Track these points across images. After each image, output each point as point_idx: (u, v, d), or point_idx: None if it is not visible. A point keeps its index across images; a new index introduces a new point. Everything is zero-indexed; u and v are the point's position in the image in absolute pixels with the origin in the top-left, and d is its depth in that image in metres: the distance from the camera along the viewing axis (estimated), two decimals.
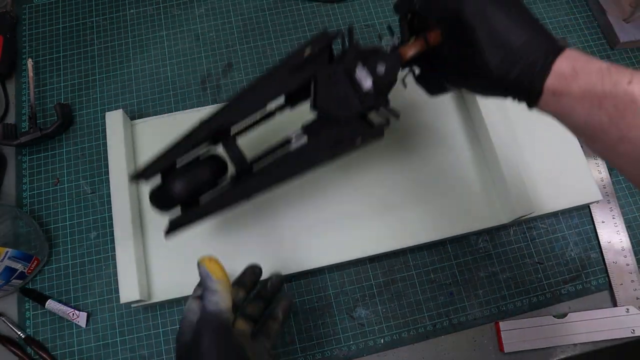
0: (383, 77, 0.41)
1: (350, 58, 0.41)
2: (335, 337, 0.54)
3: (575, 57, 0.33)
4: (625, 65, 0.67)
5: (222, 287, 0.39)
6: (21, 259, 0.51)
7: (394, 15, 0.52)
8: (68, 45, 0.67)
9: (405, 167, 0.58)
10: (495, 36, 0.35)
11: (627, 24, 0.67)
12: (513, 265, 0.56)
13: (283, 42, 0.67)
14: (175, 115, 0.60)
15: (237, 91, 0.44)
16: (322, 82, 0.41)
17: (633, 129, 0.31)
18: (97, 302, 0.54)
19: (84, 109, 0.63)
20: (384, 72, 0.41)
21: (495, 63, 0.35)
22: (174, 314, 0.54)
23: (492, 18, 0.35)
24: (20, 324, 0.54)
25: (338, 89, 0.41)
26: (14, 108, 0.64)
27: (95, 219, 0.58)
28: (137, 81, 0.65)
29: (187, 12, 0.69)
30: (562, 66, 0.33)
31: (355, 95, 0.41)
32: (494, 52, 0.35)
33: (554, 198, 0.56)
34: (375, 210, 0.56)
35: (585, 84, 0.32)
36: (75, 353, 0.53)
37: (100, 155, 0.61)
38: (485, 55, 0.35)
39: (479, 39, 0.35)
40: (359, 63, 0.41)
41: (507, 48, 0.34)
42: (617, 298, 0.55)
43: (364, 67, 0.41)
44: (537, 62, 0.34)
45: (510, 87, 0.35)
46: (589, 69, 0.33)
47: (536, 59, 0.34)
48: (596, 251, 0.57)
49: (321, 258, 0.54)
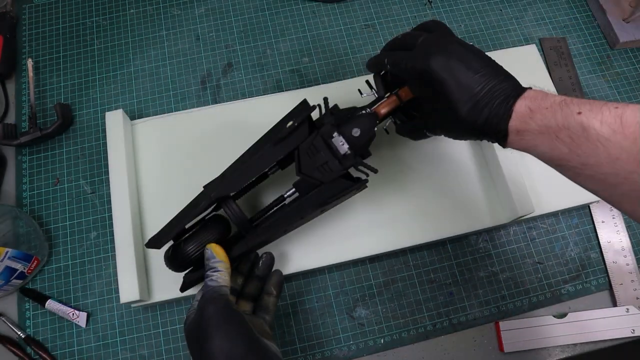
0: (359, 138, 0.46)
1: (327, 128, 0.46)
2: (335, 337, 0.54)
3: (533, 97, 0.37)
4: (625, 64, 0.67)
5: (223, 267, 0.44)
6: (21, 259, 0.51)
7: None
8: (68, 45, 0.67)
9: (405, 167, 0.58)
10: (462, 87, 0.38)
11: (627, 24, 0.67)
12: (513, 265, 0.57)
13: (283, 42, 0.67)
14: (176, 116, 0.60)
15: (230, 164, 0.50)
16: (304, 152, 0.47)
17: (590, 156, 0.33)
18: (97, 302, 0.54)
19: (84, 109, 0.63)
20: (359, 135, 0.46)
21: (465, 111, 0.39)
22: (174, 314, 0.54)
23: (456, 71, 0.39)
24: (20, 324, 0.54)
25: (318, 157, 0.46)
26: (14, 108, 0.64)
27: (95, 219, 0.58)
28: (137, 81, 0.65)
29: (187, 12, 0.69)
30: (521, 107, 0.37)
31: (334, 159, 0.46)
32: (463, 102, 0.38)
33: (554, 198, 0.56)
34: (375, 210, 0.56)
35: (542, 120, 0.36)
36: (75, 353, 0.53)
37: (100, 155, 0.61)
38: (455, 106, 0.39)
39: (448, 92, 0.39)
40: (334, 132, 0.46)
41: (473, 97, 0.38)
42: (617, 298, 0.55)
43: (339, 135, 0.46)
44: (500, 107, 0.38)
45: (482, 131, 0.39)
46: (544, 106, 0.36)
47: (499, 103, 0.37)
48: (596, 251, 0.57)
49: (321, 258, 0.54)
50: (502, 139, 0.39)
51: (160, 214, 0.54)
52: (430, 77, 0.40)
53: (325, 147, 0.46)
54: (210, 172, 0.51)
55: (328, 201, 0.47)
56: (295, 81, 0.65)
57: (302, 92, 0.62)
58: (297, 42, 0.68)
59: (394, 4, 0.70)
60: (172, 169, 0.58)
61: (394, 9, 0.70)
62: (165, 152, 0.58)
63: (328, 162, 0.46)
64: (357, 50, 0.67)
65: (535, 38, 0.68)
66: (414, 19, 0.69)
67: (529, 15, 0.70)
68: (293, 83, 0.65)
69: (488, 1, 0.71)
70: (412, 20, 0.69)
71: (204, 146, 0.58)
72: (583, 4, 0.71)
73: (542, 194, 0.56)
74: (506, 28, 0.69)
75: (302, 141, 0.47)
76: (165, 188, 0.57)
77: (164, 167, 0.58)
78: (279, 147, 0.47)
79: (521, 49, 0.65)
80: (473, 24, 0.69)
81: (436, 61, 0.39)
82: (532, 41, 0.68)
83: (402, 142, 0.59)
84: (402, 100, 0.48)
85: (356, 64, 0.66)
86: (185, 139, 0.59)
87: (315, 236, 0.55)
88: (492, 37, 0.68)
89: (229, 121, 0.60)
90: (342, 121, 0.47)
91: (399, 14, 0.70)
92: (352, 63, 0.66)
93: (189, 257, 0.47)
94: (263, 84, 0.65)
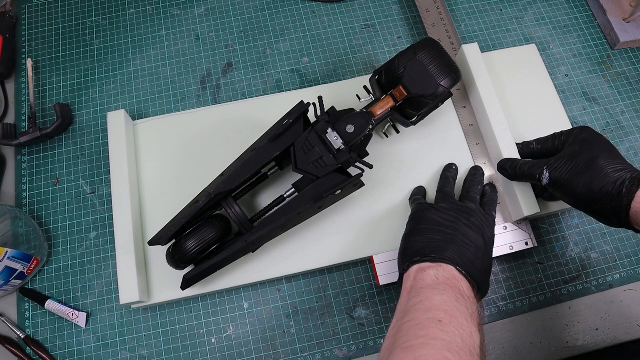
0: (352, 134, 0.48)
1: (321, 124, 0.48)
2: (335, 337, 0.53)
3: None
4: (625, 64, 0.67)
5: None
6: (21, 259, 0.51)
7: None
8: (68, 45, 0.67)
9: (410, 169, 0.58)
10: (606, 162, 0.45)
11: (627, 24, 0.67)
12: (513, 265, 0.56)
13: (283, 42, 0.67)
14: (176, 116, 0.60)
15: (230, 163, 0.52)
16: (299, 147, 0.48)
17: None
18: (97, 303, 0.54)
19: (84, 109, 0.63)
20: (354, 131, 0.48)
21: None
22: (173, 315, 0.54)
23: None
24: (20, 324, 0.54)
25: (313, 152, 0.48)
26: (13, 108, 0.64)
27: (95, 219, 0.58)
28: (137, 81, 0.65)
29: (187, 12, 0.69)
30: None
31: (329, 154, 0.48)
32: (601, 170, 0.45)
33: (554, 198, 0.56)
34: (375, 210, 0.56)
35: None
36: (74, 353, 0.52)
37: (100, 155, 0.61)
38: None
39: None
40: (329, 128, 0.48)
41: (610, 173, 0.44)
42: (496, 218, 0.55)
43: (333, 130, 0.48)
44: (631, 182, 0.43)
45: (605, 195, 0.43)
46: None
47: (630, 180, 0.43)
48: (596, 251, 0.57)
49: (321, 258, 0.54)
50: (631, 193, 0.42)
51: (160, 214, 0.54)
52: None
53: (320, 143, 0.48)
54: (210, 172, 0.52)
55: (323, 196, 0.48)
56: (295, 81, 0.65)
57: (302, 92, 0.62)
58: (297, 42, 0.67)
59: (394, 3, 0.70)
60: (173, 169, 0.58)
61: (394, 9, 0.70)
62: (166, 152, 0.58)
63: (323, 157, 0.48)
64: (357, 50, 0.67)
65: (535, 38, 0.68)
66: (414, 19, 0.69)
67: (529, 15, 0.70)
68: (293, 83, 0.65)
69: (488, 1, 0.71)
70: (412, 21, 0.69)
71: (204, 146, 0.58)
72: (583, 4, 0.71)
73: None
74: (506, 28, 0.69)
75: (297, 137, 0.48)
76: (166, 188, 0.57)
77: (165, 167, 0.58)
78: (275, 144, 0.48)
79: (521, 49, 0.65)
80: (473, 24, 0.69)
81: None
82: (532, 41, 0.68)
83: (403, 142, 0.58)
84: (397, 100, 0.50)
85: (356, 64, 0.66)
86: (186, 139, 0.59)
87: (315, 237, 0.54)
88: (492, 37, 0.68)
89: (229, 121, 0.60)
90: (337, 119, 0.49)
91: (399, 14, 0.70)
92: (352, 63, 0.66)
93: (190, 254, 0.47)
94: (263, 84, 0.65)
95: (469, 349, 0.34)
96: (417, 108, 0.52)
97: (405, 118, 0.54)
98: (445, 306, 0.37)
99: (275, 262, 0.54)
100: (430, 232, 0.45)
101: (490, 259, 0.45)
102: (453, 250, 0.43)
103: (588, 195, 0.44)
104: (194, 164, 0.58)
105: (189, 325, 0.54)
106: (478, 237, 0.45)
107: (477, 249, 0.44)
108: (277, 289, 0.55)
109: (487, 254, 0.45)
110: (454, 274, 0.41)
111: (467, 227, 0.45)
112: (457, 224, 0.45)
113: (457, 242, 0.43)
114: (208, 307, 0.54)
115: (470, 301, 0.39)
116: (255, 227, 0.49)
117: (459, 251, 0.43)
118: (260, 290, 0.55)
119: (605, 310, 0.55)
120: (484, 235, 0.46)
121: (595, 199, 0.44)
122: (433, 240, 0.44)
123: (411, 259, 0.43)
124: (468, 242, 0.44)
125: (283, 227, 0.49)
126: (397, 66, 0.51)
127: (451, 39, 0.64)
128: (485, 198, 0.53)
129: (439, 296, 0.38)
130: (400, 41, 0.68)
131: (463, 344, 0.34)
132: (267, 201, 0.53)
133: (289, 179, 0.56)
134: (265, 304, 0.55)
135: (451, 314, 0.36)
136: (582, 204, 0.46)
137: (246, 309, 0.54)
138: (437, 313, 0.36)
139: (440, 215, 0.46)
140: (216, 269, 0.50)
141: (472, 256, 0.43)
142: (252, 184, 0.53)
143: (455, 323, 0.36)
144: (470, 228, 0.45)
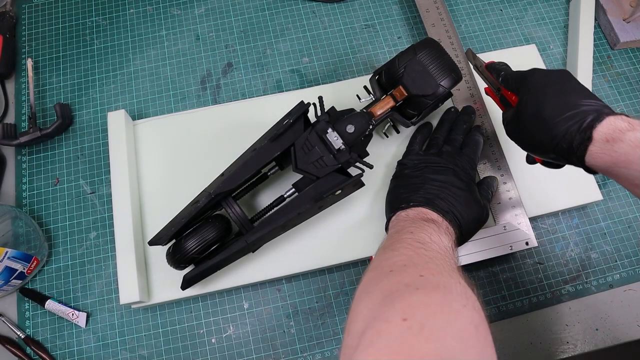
0: (353, 134, 0.48)
1: (321, 124, 0.48)
2: (335, 337, 0.53)
3: (631, 119, 0.38)
4: (625, 64, 0.67)
5: None
6: (21, 259, 0.51)
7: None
8: (68, 45, 0.67)
9: None
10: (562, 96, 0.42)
11: (627, 24, 0.67)
12: (513, 265, 0.56)
13: (283, 42, 0.67)
14: (176, 116, 0.60)
15: (232, 162, 0.52)
16: (300, 147, 0.48)
17: None
18: (97, 302, 0.54)
19: (84, 109, 0.63)
20: (354, 131, 0.48)
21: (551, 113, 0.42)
22: (173, 315, 0.54)
23: None
24: (20, 324, 0.54)
25: (313, 152, 0.48)
26: (13, 108, 0.64)
27: (95, 219, 0.58)
28: (137, 81, 0.65)
29: (187, 12, 0.69)
30: (616, 120, 0.38)
31: (329, 154, 0.48)
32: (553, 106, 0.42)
33: (554, 198, 0.56)
34: (375, 210, 0.56)
35: None
36: (74, 353, 0.52)
37: (100, 155, 0.61)
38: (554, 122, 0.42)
39: None
40: (329, 128, 0.48)
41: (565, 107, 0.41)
42: (496, 217, 0.55)
43: (333, 130, 0.48)
44: (589, 115, 0.39)
45: (564, 135, 0.40)
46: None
47: (591, 112, 0.40)
48: (596, 251, 0.57)
49: (321, 258, 0.54)
50: (583, 144, 0.38)
51: (161, 214, 0.54)
52: None
53: (320, 143, 0.48)
54: (211, 172, 0.52)
55: (323, 196, 0.48)
56: (295, 81, 0.65)
57: (302, 92, 0.62)
58: (297, 42, 0.67)
59: (394, 3, 0.70)
60: (173, 169, 0.58)
61: (394, 9, 0.70)
62: (166, 152, 0.58)
63: (323, 157, 0.48)
64: (357, 50, 0.67)
65: (535, 38, 0.68)
66: (414, 19, 0.69)
67: (529, 15, 0.70)
68: (293, 83, 0.65)
69: (488, 1, 0.71)
70: (412, 21, 0.69)
71: (204, 146, 0.58)
72: None
73: (542, 194, 0.56)
74: (506, 28, 0.69)
75: (297, 137, 0.48)
76: (166, 188, 0.57)
77: (165, 167, 0.58)
78: (275, 144, 0.48)
79: (521, 49, 0.65)
80: (473, 24, 0.69)
81: None
82: (532, 41, 0.68)
83: (403, 142, 0.58)
84: (397, 100, 0.50)
85: (356, 64, 0.66)
86: (186, 139, 0.59)
87: (315, 237, 0.54)
88: (492, 37, 0.68)
89: (229, 121, 0.60)
90: (337, 119, 0.49)
91: (399, 14, 0.70)
92: (352, 63, 0.66)
93: (190, 254, 0.47)
94: (263, 84, 0.65)
95: (438, 246, 0.40)
96: (417, 108, 0.52)
97: (405, 118, 0.54)
98: (415, 225, 0.43)
99: (275, 262, 0.54)
100: (402, 187, 0.50)
101: (469, 191, 0.48)
102: (420, 195, 0.47)
103: (538, 151, 0.45)
104: (194, 164, 0.58)
105: (189, 325, 0.54)
106: (448, 177, 0.49)
107: (445, 186, 0.48)
108: (277, 289, 0.55)
109: (459, 186, 0.48)
110: (422, 210, 0.46)
111: (435, 173, 0.49)
112: (424, 172, 0.50)
113: (425, 187, 0.48)
114: (208, 307, 0.54)
115: (438, 223, 0.44)
116: (256, 227, 0.49)
117: (424, 193, 0.47)
118: (260, 290, 0.55)
119: (605, 310, 0.55)
120: (455, 172, 0.49)
121: (546, 151, 0.43)
122: (402, 193, 0.49)
123: (388, 215, 0.49)
124: (437, 183, 0.48)
125: (283, 227, 0.49)
126: (397, 66, 0.51)
127: (451, 39, 0.64)
128: (467, 140, 0.54)
129: (409, 222, 0.45)
130: (400, 41, 0.68)
131: (431, 241, 0.40)
132: (267, 201, 0.53)
133: (289, 179, 0.56)
134: (265, 304, 0.55)
135: (420, 227, 0.42)
136: (536, 154, 0.46)
137: (246, 309, 0.54)
138: (408, 229, 0.42)
139: (407, 171, 0.51)
140: (216, 269, 0.50)
141: (437, 191, 0.47)
142: (252, 184, 0.53)
143: (424, 232, 0.41)
144: (437, 172, 0.49)
